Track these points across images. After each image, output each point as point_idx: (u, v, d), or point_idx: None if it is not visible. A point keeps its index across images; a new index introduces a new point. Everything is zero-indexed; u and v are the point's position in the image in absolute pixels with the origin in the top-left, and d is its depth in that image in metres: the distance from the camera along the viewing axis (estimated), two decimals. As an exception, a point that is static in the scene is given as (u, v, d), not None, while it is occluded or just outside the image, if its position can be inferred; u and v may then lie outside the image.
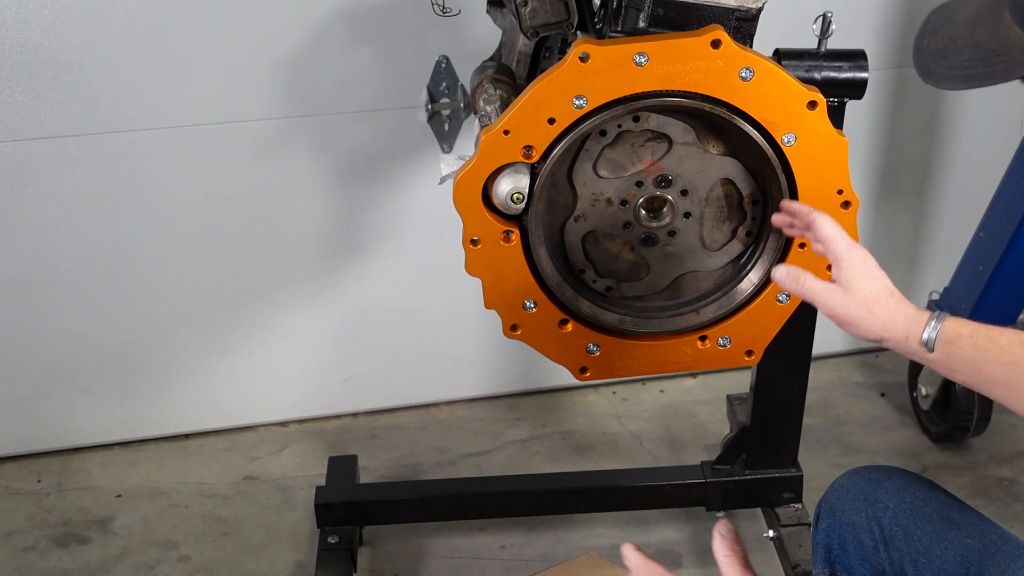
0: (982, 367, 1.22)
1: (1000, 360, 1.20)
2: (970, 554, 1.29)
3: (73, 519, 2.33)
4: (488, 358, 2.63)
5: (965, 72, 1.12)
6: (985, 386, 1.23)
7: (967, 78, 1.12)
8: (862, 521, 1.37)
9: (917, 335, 1.25)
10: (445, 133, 2.35)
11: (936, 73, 1.15)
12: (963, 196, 2.64)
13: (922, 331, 1.25)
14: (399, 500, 2.13)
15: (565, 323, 1.64)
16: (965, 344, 1.23)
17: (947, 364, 1.24)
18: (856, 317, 1.28)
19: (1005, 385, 1.21)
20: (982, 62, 1.10)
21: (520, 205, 1.52)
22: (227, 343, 2.49)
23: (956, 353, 1.23)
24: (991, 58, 1.10)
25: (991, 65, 1.10)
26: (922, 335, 1.25)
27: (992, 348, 1.21)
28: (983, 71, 1.10)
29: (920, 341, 1.25)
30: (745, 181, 1.61)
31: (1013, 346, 1.20)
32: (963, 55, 1.12)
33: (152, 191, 2.31)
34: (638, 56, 1.45)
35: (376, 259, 2.47)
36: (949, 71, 1.14)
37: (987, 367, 1.21)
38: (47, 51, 2.15)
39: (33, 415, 2.47)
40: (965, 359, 1.23)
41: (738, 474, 2.09)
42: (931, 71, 1.16)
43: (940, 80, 1.15)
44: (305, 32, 2.23)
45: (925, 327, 1.25)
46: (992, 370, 1.21)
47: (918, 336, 1.25)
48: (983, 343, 1.22)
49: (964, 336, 1.23)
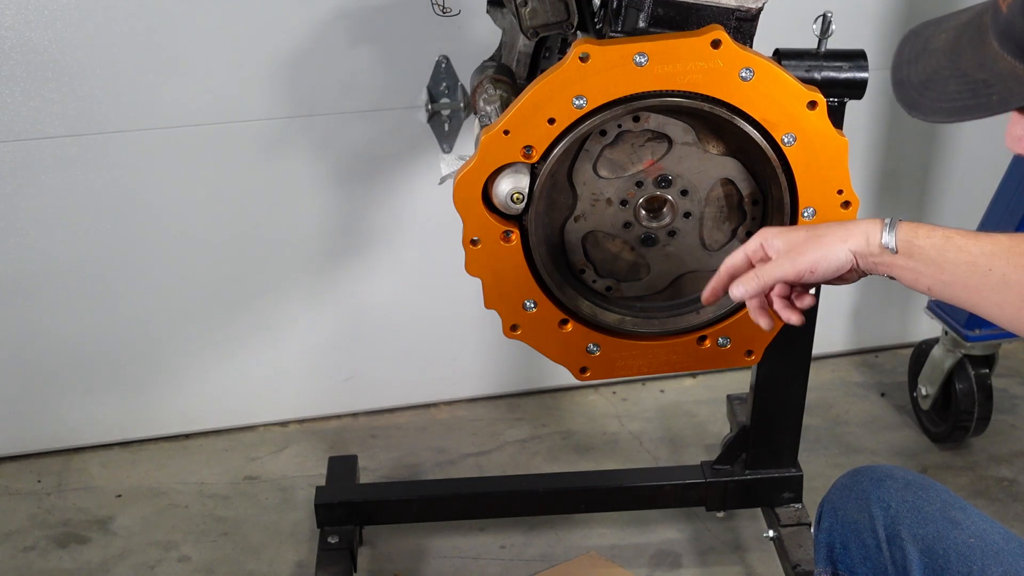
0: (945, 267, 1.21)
1: (960, 261, 1.20)
2: (972, 553, 1.29)
3: (73, 519, 2.33)
4: (488, 358, 2.63)
5: (955, 104, 1.07)
6: (948, 289, 1.22)
7: (958, 110, 1.07)
8: (864, 520, 1.37)
9: (876, 234, 1.25)
10: (445, 133, 2.35)
11: (923, 106, 1.10)
12: (963, 196, 2.64)
13: (880, 230, 1.25)
14: (399, 500, 2.13)
15: (565, 323, 1.64)
16: (924, 243, 1.23)
17: (911, 265, 1.24)
18: (815, 255, 1.27)
19: (967, 287, 1.20)
20: (972, 93, 1.05)
21: (520, 205, 1.52)
22: (227, 343, 2.49)
23: (918, 252, 1.23)
24: (982, 88, 1.04)
25: (983, 96, 1.04)
26: (882, 233, 1.25)
27: (951, 248, 1.21)
28: (974, 103, 1.05)
29: (880, 240, 1.25)
30: (745, 181, 1.61)
31: (969, 244, 1.21)
32: (950, 86, 1.07)
33: (152, 191, 2.31)
34: (638, 56, 1.45)
35: (376, 259, 2.47)
36: (937, 104, 1.09)
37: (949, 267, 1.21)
38: (47, 51, 2.15)
39: (33, 415, 2.47)
40: (927, 259, 1.22)
41: (738, 474, 2.09)
42: (917, 104, 1.11)
43: (928, 113, 1.10)
44: (305, 32, 2.23)
45: (882, 227, 1.25)
46: (954, 271, 1.21)
47: (878, 235, 1.25)
48: (940, 241, 1.22)
49: (922, 234, 1.23)
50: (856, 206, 1.57)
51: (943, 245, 1.22)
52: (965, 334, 2.34)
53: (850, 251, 1.27)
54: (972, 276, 1.20)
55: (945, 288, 1.23)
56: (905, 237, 1.24)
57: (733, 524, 2.25)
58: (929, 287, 1.24)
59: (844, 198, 1.56)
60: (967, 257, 1.20)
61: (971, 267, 1.20)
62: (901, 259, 1.24)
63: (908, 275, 1.25)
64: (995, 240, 1.21)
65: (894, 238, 1.24)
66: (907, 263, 1.24)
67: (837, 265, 1.28)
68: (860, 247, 1.26)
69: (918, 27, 1.15)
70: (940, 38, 1.11)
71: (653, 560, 2.17)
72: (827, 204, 1.56)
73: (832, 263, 1.27)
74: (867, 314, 2.78)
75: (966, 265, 1.20)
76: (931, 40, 1.12)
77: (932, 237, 1.23)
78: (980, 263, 1.19)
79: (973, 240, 1.21)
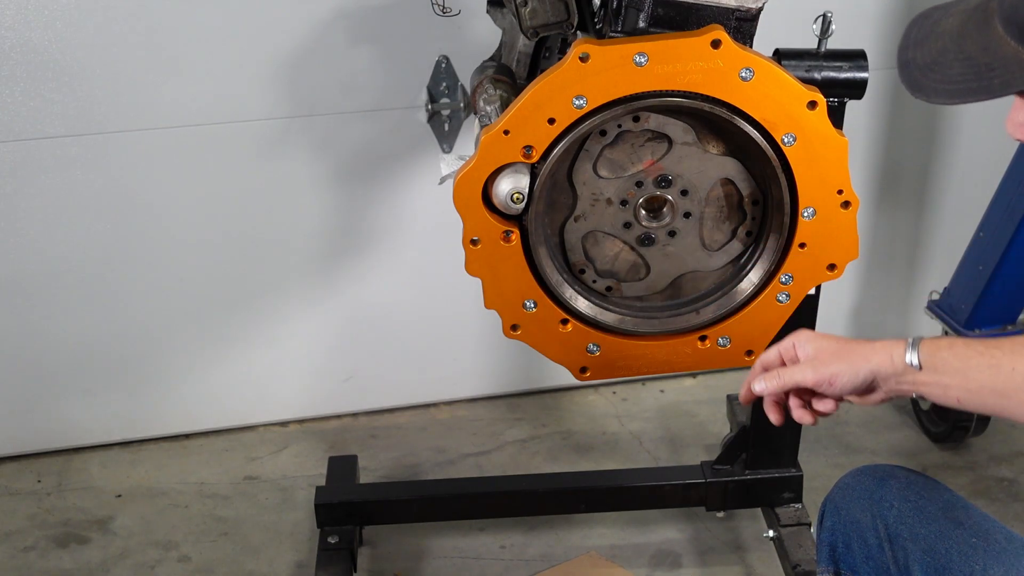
0: (969, 374, 1.21)
1: (983, 365, 1.21)
2: (975, 553, 1.29)
3: (73, 519, 2.33)
4: (488, 358, 2.63)
5: (958, 86, 1.09)
6: (977, 397, 1.23)
7: (960, 92, 1.09)
8: (867, 520, 1.37)
9: (900, 353, 1.25)
10: (445, 133, 2.35)
11: (926, 87, 1.12)
12: (963, 196, 2.64)
13: (904, 349, 1.25)
14: (399, 500, 2.13)
15: (565, 323, 1.64)
16: (946, 354, 1.23)
17: (936, 379, 1.24)
18: (837, 368, 1.29)
19: (995, 391, 1.20)
20: (976, 76, 1.07)
21: (520, 205, 1.52)
22: (227, 343, 2.49)
23: (941, 364, 1.23)
24: (985, 72, 1.07)
25: (985, 79, 1.07)
26: (905, 352, 1.25)
27: (972, 354, 1.22)
28: (977, 85, 1.07)
29: (905, 359, 1.25)
30: (745, 181, 1.61)
31: (990, 349, 1.21)
32: (954, 68, 1.09)
33: (152, 191, 2.31)
34: (638, 56, 1.45)
35: (376, 259, 2.47)
36: (940, 85, 1.11)
37: (973, 373, 1.21)
38: (47, 51, 2.15)
39: (33, 415, 2.47)
40: (951, 369, 1.22)
41: (738, 474, 2.09)
42: (920, 85, 1.13)
43: (931, 94, 1.12)
44: (305, 32, 2.23)
45: (905, 346, 1.26)
46: (979, 377, 1.21)
47: (902, 354, 1.25)
48: (962, 350, 1.23)
49: (943, 346, 1.24)
50: (856, 206, 1.57)
51: (964, 353, 1.22)
52: (965, 334, 2.34)
53: (872, 370, 1.27)
54: (997, 379, 1.20)
55: (973, 396, 1.23)
56: (927, 352, 1.24)
57: (733, 524, 2.25)
58: (958, 398, 1.23)
59: (844, 198, 1.56)
60: (989, 360, 1.20)
61: (995, 369, 1.20)
62: (926, 374, 1.24)
63: (936, 390, 1.25)
64: (1015, 341, 1.21)
65: (917, 355, 1.25)
66: (932, 377, 1.24)
67: (856, 382, 1.28)
68: (884, 366, 1.26)
69: (927, 10, 1.16)
70: (948, 22, 1.12)
71: (653, 560, 2.17)
72: (827, 204, 1.56)
73: (852, 378, 1.28)
74: (867, 314, 2.78)
75: (990, 368, 1.20)
76: (939, 23, 1.13)
77: (953, 347, 1.24)
78: (1003, 364, 1.20)
79: (994, 344, 1.22)
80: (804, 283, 1.64)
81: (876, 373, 1.26)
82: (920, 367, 1.24)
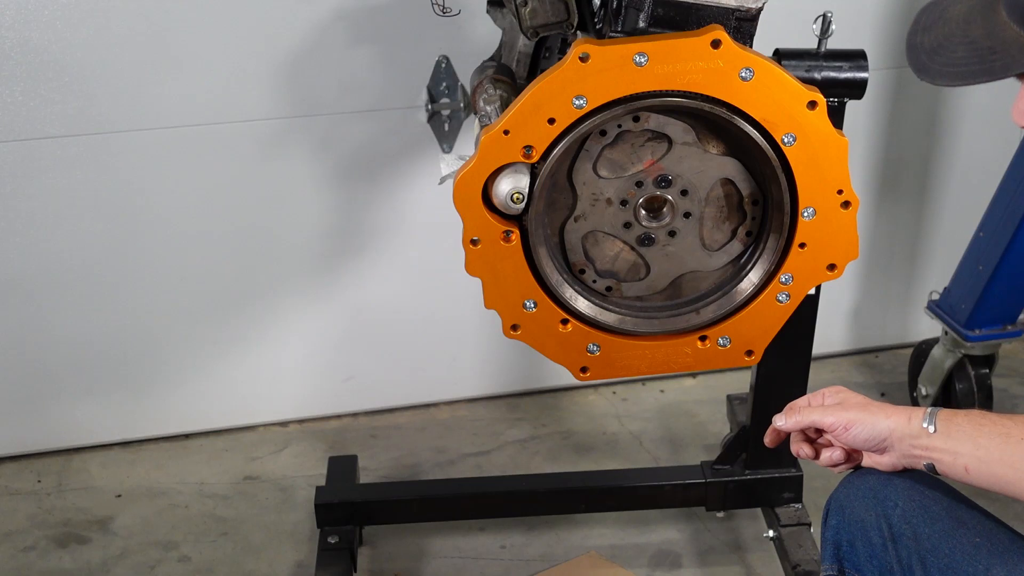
0: (980, 441, 1.27)
1: (995, 432, 1.26)
2: (979, 553, 1.29)
3: (73, 519, 2.33)
4: (488, 358, 2.63)
5: (961, 69, 1.13)
6: (985, 465, 1.27)
7: (963, 75, 1.13)
8: (871, 519, 1.37)
9: (919, 416, 1.32)
10: (445, 133, 2.35)
11: (931, 70, 1.16)
12: (963, 196, 2.65)
13: (922, 413, 1.32)
14: (399, 500, 2.13)
15: (565, 323, 1.64)
16: (962, 419, 1.29)
17: (949, 446, 1.29)
18: (856, 416, 1.35)
19: (1003, 461, 1.26)
20: (978, 59, 1.11)
21: (520, 205, 1.52)
22: (227, 343, 2.49)
23: (955, 430, 1.29)
24: (987, 55, 1.11)
25: (987, 62, 1.10)
26: (923, 416, 1.31)
27: (986, 423, 1.28)
28: (979, 68, 1.11)
29: (922, 422, 1.31)
30: (745, 181, 1.61)
31: (1004, 420, 1.27)
32: (958, 52, 1.13)
33: (152, 191, 2.31)
34: (638, 56, 1.45)
35: (376, 259, 2.47)
36: (944, 68, 1.15)
37: (983, 440, 1.27)
38: (47, 51, 2.15)
39: (33, 415, 2.47)
40: (963, 435, 1.28)
41: (738, 474, 2.09)
42: (926, 68, 1.17)
43: (935, 77, 1.16)
44: (305, 32, 2.23)
45: (924, 411, 1.32)
46: (989, 444, 1.26)
47: (920, 417, 1.32)
48: (977, 418, 1.29)
49: (960, 414, 1.30)
50: (856, 206, 1.57)
51: (978, 421, 1.29)
52: (965, 334, 2.34)
53: (889, 427, 1.34)
54: (1007, 448, 1.25)
55: (983, 465, 1.28)
56: (944, 418, 1.31)
57: (733, 524, 2.25)
58: (966, 466, 1.29)
59: (844, 198, 1.56)
60: (1000, 429, 1.26)
61: (1005, 438, 1.26)
62: (939, 439, 1.30)
63: (947, 457, 1.30)
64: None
65: (934, 421, 1.31)
66: (944, 444, 1.30)
67: (872, 432, 1.35)
68: (901, 425, 1.33)
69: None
70: (955, 8, 1.17)
71: (653, 560, 2.17)
72: (827, 204, 1.56)
73: (868, 429, 1.35)
74: (867, 314, 2.78)
75: (1000, 437, 1.26)
76: (947, 10, 1.18)
77: (969, 416, 1.30)
78: (1013, 433, 1.26)
79: (1006, 416, 1.28)
80: (804, 283, 1.64)
81: (892, 431, 1.33)
82: (935, 431, 1.30)
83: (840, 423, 1.36)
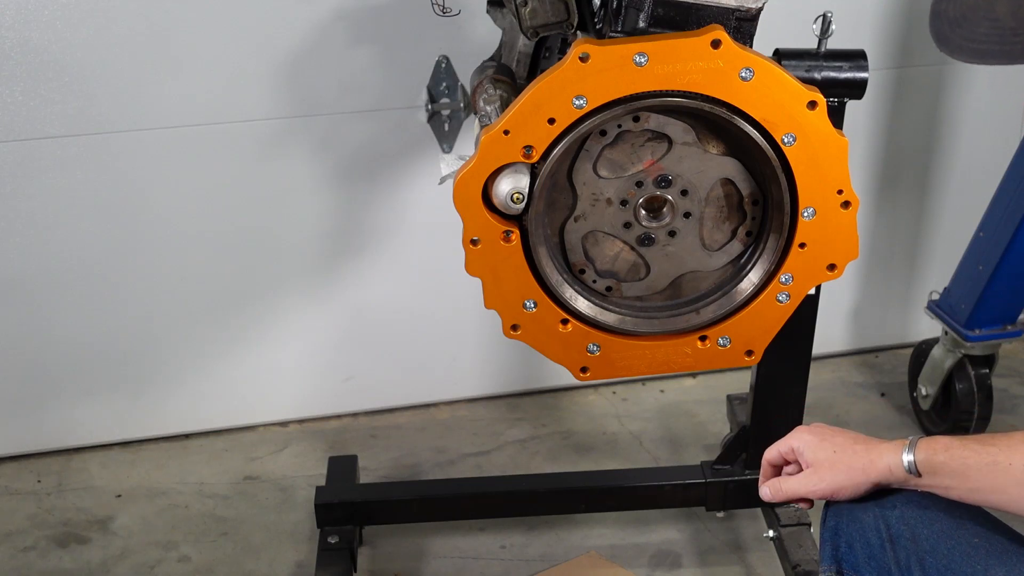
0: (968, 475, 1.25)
1: (981, 464, 1.24)
2: (977, 554, 1.29)
3: (73, 519, 2.33)
4: (488, 358, 2.63)
5: (980, 46, 1.10)
6: (978, 495, 1.27)
7: (981, 53, 1.10)
8: (869, 520, 1.37)
9: (898, 463, 1.31)
10: (445, 133, 2.35)
11: (951, 42, 1.14)
12: (963, 196, 2.65)
13: (900, 458, 1.30)
14: (399, 500, 2.13)
15: (565, 323, 1.64)
16: (943, 457, 1.27)
17: (937, 482, 1.29)
18: (837, 482, 1.35)
19: (995, 489, 1.24)
20: (999, 39, 1.08)
21: (520, 205, 1.52)
22: (227, 343, 2.49)
23: (940, 468, 1.27)
24: (1009, 36, 1.08)
25: (1008, 43, 1.08)
26: (903, 461, 1.30)
27: (969, 455, 1.26)
28: (999, 48, 1.08)
29: (903, 468, 1.30)
30: (745, 181, 1.61)
31: (986, 447, 1.25)
32: (981, 27, 1.10)
33: (152, 191, 2.31)
34: (638, 56, 1.45)
35: (376, 259, 2.47)
36: (964, 42, 1.12)
37: (972, 474, 1.25)
38: (47, 51, 2.15)
39: (33, 415, 2.47)
40: (949, 472, 1.27)
41: (738, 474, 2.09)
42: (946, 38, 1.14)
43: (954, 50, 1.13)
44: (305, 32, 2.23)
45: (901, 454, 1.30)
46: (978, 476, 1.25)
47: (899, 464, 1.30)
48: (959, 451, 1.27)
49: (939, 450, 1.28)
50: (856, 206, 1.57)
51: (961, 454, 1.26)
52: (965, 334, 2.34)
53: (873, 482, 1.34)
54: (995, 475, 1.23)
55: (975, 495, 1.27)
56: (924, 459, 1.29)
57: (733, 524, 2.25)
58: (960, 496, 1.28)
59: (844, 198, 1.56)
60: (986, 458, 1.24)
61: (992, 466, 1.23)
62: (927, 479, 1.29)
63: (938, 490, 1.30)
64: (1010, 436, 1.24)
65: (915, 464, 1.29)
66: (933, 481, 1.29)
67: (859, 492, 1.35)
68: (885, 476, 1.33)
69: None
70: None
71: (653, 560, 2.17)
72: (827, 204, 1.56)
73: (854, 492, 1.36)
74: (867, 314, 2.78)
75: (987, 466, 1.24)
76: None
77: (950, 450, 1.27)
78: (1000, 460, 1.23)
79: (989, 441, 1.25)
80: (804, 283, 1.64)
81: (878, 483, 1.33)
82: (920, 476, 1.29)
83: (827, 494, 1.37)
